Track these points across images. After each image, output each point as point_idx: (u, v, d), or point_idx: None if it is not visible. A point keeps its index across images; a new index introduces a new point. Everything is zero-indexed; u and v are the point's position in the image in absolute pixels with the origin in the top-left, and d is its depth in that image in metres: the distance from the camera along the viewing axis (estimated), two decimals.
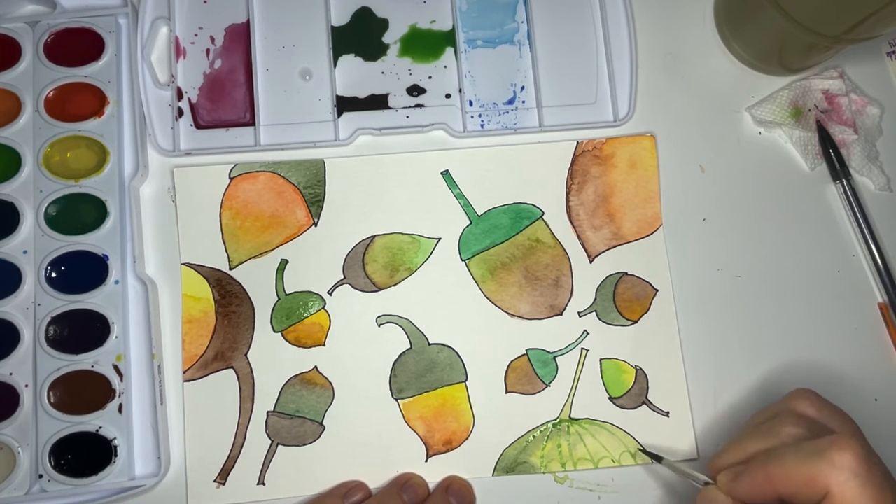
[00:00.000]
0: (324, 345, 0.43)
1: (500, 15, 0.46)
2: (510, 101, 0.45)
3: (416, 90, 0.45)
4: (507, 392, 0.43)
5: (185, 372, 0.42)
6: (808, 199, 0.46)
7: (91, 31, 0.44)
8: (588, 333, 0.44)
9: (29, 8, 0.45)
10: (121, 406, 0.41)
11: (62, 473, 0.40)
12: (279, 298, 0.43)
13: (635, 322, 0.44)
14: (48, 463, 0.40)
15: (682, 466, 0.38)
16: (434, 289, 0.44)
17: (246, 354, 0.42)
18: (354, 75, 0.45)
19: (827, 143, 0.45)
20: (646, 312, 0.44)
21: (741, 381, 0.43)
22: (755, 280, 0.44)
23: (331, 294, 0.43)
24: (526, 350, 0.43)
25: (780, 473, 0.32)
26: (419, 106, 0.45)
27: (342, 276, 0.43)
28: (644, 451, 0.42)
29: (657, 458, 0.40)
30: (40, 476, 0.40)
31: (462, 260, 0.44)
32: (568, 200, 0.45)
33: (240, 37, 0.45)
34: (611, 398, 0.43)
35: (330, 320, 0.43)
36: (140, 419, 0.41)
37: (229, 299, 0.43)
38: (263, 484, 0.41)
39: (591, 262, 0.44)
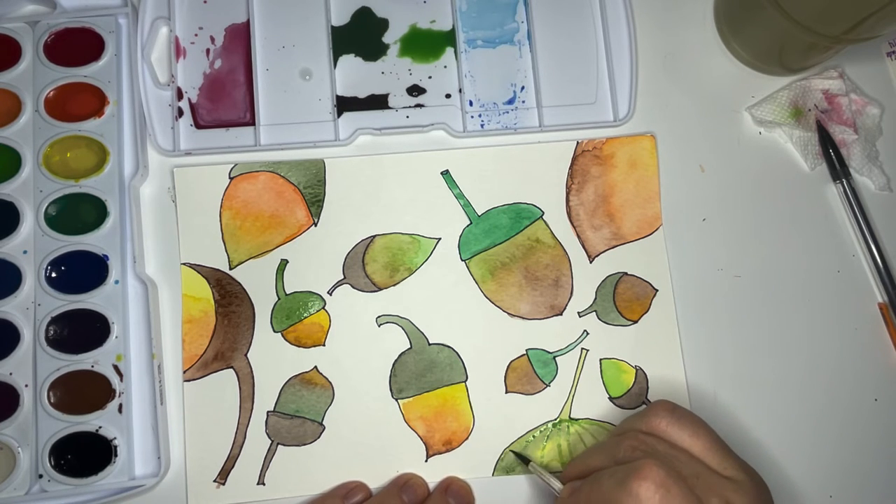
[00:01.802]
0: (324, 345, 0.43)
1: (500, 15, 0.46)
2: (510, 101, 0.45)
3: (416, 90, 0.45)
4: (507, 392, 0.43)
5: (185, 372, 0.42)
6: (808, 199, 0.46)
7: (91, 31, 0.44)
8: (588, 333, 0.44)
9: (29, 8, 0.45)
10: (121, 406, 0.41)
11: (62, 473, 0.40)
12: (279, 298, 0.43)
13: (635, 322, 0.44)
14: (48, 463, 0.40)
15: (542, 472, 0.40)
16: (434, 289, 0.44)
17: (246, 354, 0.42)
18: (354, 75, 0.45)
19: (827, 143, 0.45)
20: (646, 312, 0.44)
21: (741, 381, 0.43)
22: (755, 280, 0.44)
23: (331, 294, 0.43)
24: (526, 350, 0.43)
25: (595, 497, 0.34)
26: (419, 106, 0.45)
27: (342, 276, 0.43)
28: (515, 454, 0.42)
29: (525, 461, 0.41)
30: (40, 476, 0.40)
31: (462, 260, 0.44)
32: (568, 200, 0.45)
33: (240, 37, 0.45)
34: (611, 398, 0.43)
35: (330, 320, 0.43)
36: (140, 419, 0.41)
37: (229, 299, 0.43)
38: (263, 484, 0.41)
39: (591, 262, 0.44)
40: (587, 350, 0.43)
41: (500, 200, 0.44)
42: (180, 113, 0.44)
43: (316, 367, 0.43)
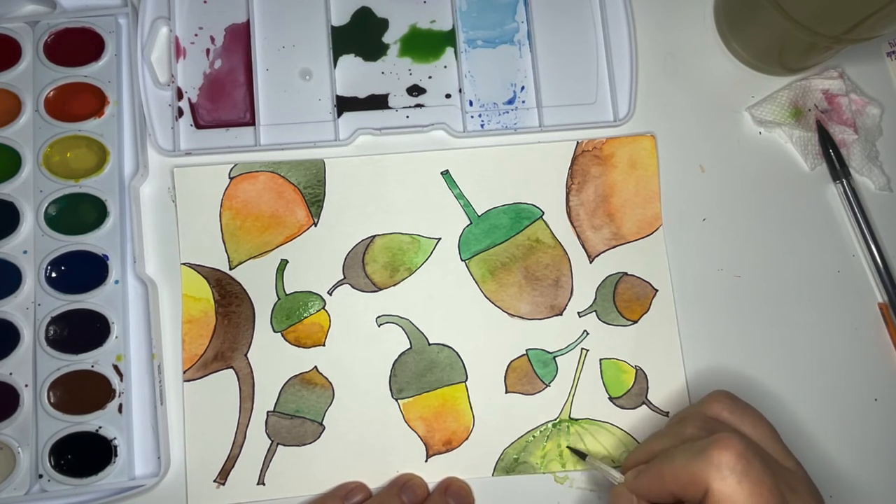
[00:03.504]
0: (324, 345, 0.43)
1: (500, 15, 0.46)
2: (510, 101, 0.45)
3: (416, 90, 0.45)
4: (507, 392, 0.43)
5: (185, 372, 0.42)
6: (808, 199, 0.46)
7: (91, 31, 0.44)
8: (588, 333, 0.44)
9: (29, 8, 0.45)
10: (121, 406, 0.41)
11: (62, 473, 0.40)
12: (279, 298, 0.43)
13: (635, 322, 0.44)
14: (48, 463, 0.40)
15: (601, 464, 0.39)
16: (434, 289, 0.44)
17: (246, 354, 0.42)
18: (354, 75, 0.45)
19: (827, 143, 0.45)
20: (646, 312, 0.44)
21: (741, 381, 0.43)
22: (755, 280, 0.44)
23: (331, 294, 0.43)
24: (526, 350, 0.43)
25: (669, 472, 0.33)
26: (419, 106, 0.45)
27: (342, 276, 0.43)
28: (571, 450, 0.42)
29: (582, 456, 0.41)
30: (40, 476, 0.40)
31: (462, 260, 0.44)
32: (568, 200, 0.45)
33: (240, 37, 0.45)
34: (611, 398, 0.43)
35: (330, 320, 0.43)
36: (140, 419, 0.41)
37: (229, 299, 0.43)
38: (263, 484, 0.41)
39: (591, 262, 0.44)
40: (587, 350, 0.43)
41: (500, 200, 0.44)
42: (180, 113, 0.44)
43: (316, 367, 0.43)
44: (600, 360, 0.43)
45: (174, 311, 0.43)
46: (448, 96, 0.45)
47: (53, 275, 0.41)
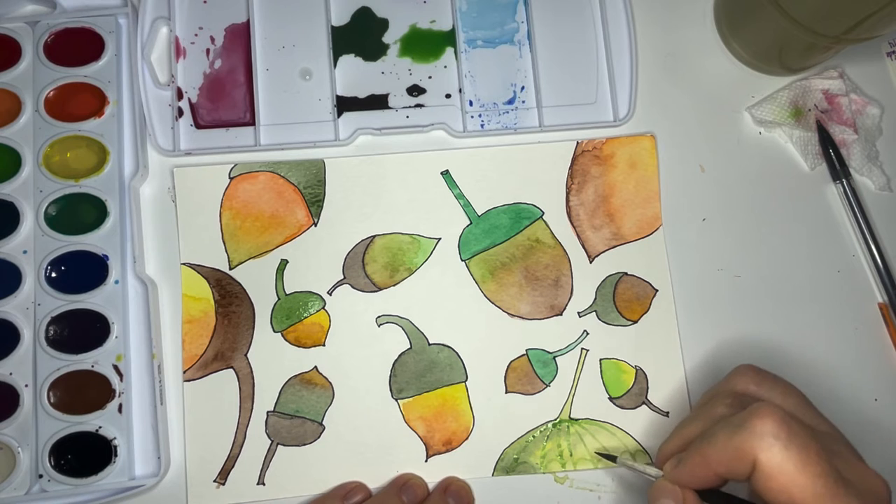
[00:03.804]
0: (324, 345, 0.43)
1: (500, 15, 0.46)
2: (510, 101, 0.45)
3: (416, 90, 0.45)
4: (507, 392, 0.43)
5: (185, 372, 0.42)
6: (808, 199, 0.46)
7: (91, 31, 0.44)
8: (588, 333, 0.44)
9: (29, 8, 0.45)
10: (121, 406, 0.41)
11: (62, 473, 0.40)
12: (279, 298, 0.43)
13: (635, 322, 0.44)
14: (48, 463, 0.40)
15: (634, 464, 0.39)
16: (434, 289, 0.44)
17: (246, 354, 0.42)
18: (354, 75, 0.45)
19: (827, 143, 0.45)
20: (646, 312, 0.44)
21: None
22: (755, 280, 0.44)
23: (331, 294, 0.43)
24: (526, 350, 0.43)
25: (712, 453, 0.32)
26: (419, 106, 0.45)
27: (342, 276, 0.43)
28: (600, 455, 0.42)
29: (612, 459, 0.40)
30: (40, 476, 0.40)
31: (462, 260, 0.44)
32: (568, 200, 0.45)
33: (240, 37, 0.45)
34: (611, 398, 0.43)
35: (330, 320, 0.43)
36: (140, 419, 0.41)
37: (229, 299, 0.43)
38: (263, 484, 0.41)
39: (591, 262, 0.44)
40: (587, 350, 0.43)
41: (500, 200, 0.44)
42: (180, 113, 0.44)
43: (316, 367, 0.43)
44: (600, 360, 0.43)
45: (174, 311, 0.43)
46: (448, 96, 0.45)
47: (53, 275, 0.41)
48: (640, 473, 0.38)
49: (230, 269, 0.43)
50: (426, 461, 0.42)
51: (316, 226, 0.44)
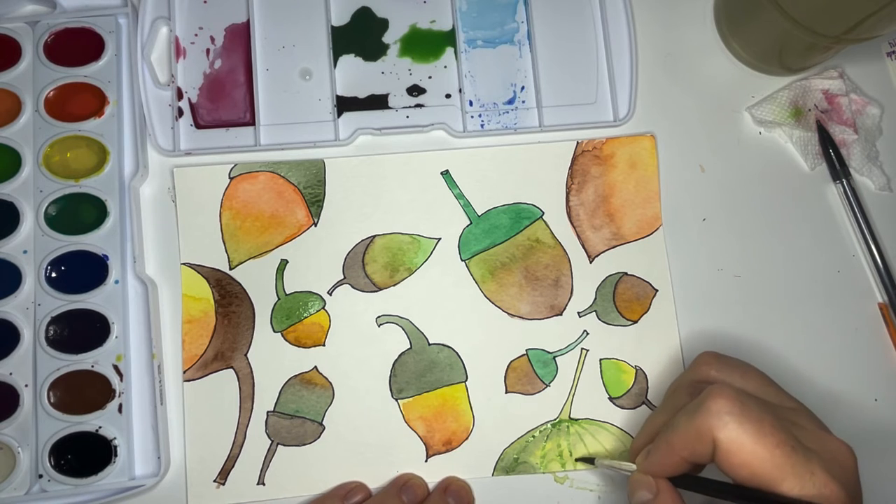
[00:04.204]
0: (324, 345, 0.43)
1: (500, 15, 0.46)
2: (510, 101, 0.45)
3: (416, 90, 0.45)
4: (506, 392, 0.43)
5: (185, 372, 0.42)
6: (808, 199, 0.46)
7: (91, 31, 0.44)
8: (588, 333, 0.44)
9: (29, 8, 0.45)
10: (121, 406, 0.41)
11: (62, 473, 0.40)
12: (279, 298, 0.43)
13: (635, 322, 0.44)
14: (48, 463, 0.40)
15: (611, 462, 0.39)
16: (434, 289, 0.44)
17: (246, 354, 0.42)
18: (354, 75, 0.45)
19: (827, 143, 0.45)
20: (646, 312, 0.44)
21: None
22: (755, 280, 0.44)
23: (331, 294, 0.43)
24: (526, 350, 0.43)
25: (675, 439, 0.33)
26: (419, 106, 0.45)
27: (342, 276, 0.43)
28: (579, 460, 0.42)
29: (590, 461, 0.41)
30: (40, 476, 0.40)
31: (462, 260, 0.44)
32: (568, 200, 0.45)
33: (240, 37, 0.45)
34: (611, 398, 0.43)
35: (330, 320, 0.43)
36: (140, 419, 0.41)
37: (229, 299, 0.43)
38: (263, 484, 0.41)
39: (591, 262, 0.44)
40: (587, 350, 0.43)
41: (500, 200, 0.44)
42: (180, 113, 0.44)
43: (316, 367, 0.43)
44: (600, 360, 0.43)
45: (174, 311, 0.43)
46: (448, 96, 0.45)
47: (53, 275, 0.41)
48: (618, 470, 0.38)
49: (230, 269, 0.43)
50: (426, 461, 0.42)
51: (316, 226, 0.44)
